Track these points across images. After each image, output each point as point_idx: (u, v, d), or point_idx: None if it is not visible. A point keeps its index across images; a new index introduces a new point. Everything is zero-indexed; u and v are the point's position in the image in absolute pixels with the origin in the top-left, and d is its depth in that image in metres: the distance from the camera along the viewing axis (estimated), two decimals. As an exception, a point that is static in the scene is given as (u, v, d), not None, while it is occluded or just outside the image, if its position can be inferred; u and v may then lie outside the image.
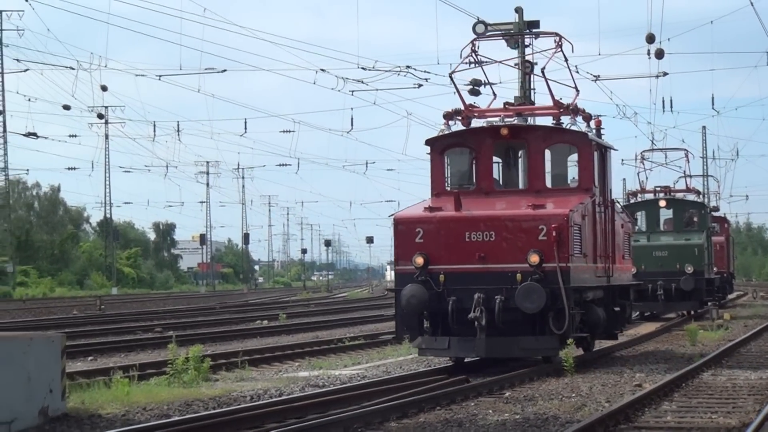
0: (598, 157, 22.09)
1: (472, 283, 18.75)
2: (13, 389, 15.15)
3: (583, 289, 20.05)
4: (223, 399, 17.97)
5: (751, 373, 21.95)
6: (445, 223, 19.76)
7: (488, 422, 14.93)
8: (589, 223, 20.63)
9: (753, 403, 16.63)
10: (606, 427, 14.31)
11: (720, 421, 15.07)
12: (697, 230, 40.69)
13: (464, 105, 22.44)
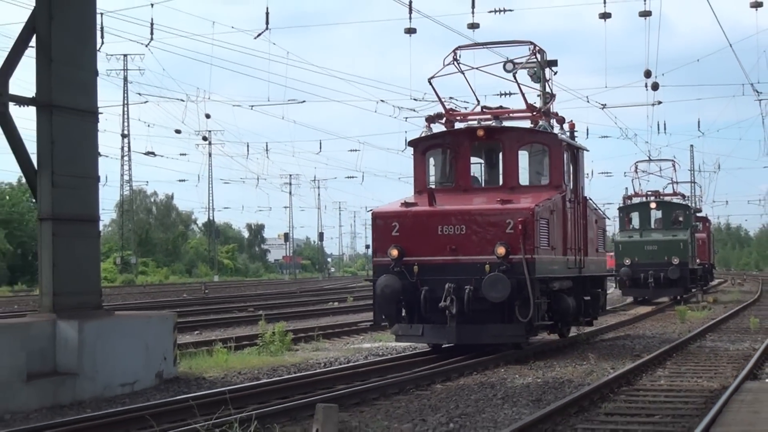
0: (569, 156, 20.46)
1: (444, 273, 17.26)
2: (135, 357, 15.65)
3: (549, 279, 18.47)
4: (302, 365, 18.34)
5: (730, 345, 22.15)
6: (418, 217, 18.13)
7: (515, 384, 15.26)
8: (558, 217, 19.08)
9: (731, 369, 17.03)
10: (611, 389, 14.71)
11: (704, 384, 15.56)
12: (683, 228, 40.77)
13: (445, 109, 20.94)
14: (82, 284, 16.15)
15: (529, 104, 21.03)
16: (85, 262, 16.35)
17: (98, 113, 16.95)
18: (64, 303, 15.50)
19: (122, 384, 15.36)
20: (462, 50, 20.56)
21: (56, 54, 15.75)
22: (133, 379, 15.65)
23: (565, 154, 19.73)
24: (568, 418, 12.19)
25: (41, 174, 15.72)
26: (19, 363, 13.82)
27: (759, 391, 14.15)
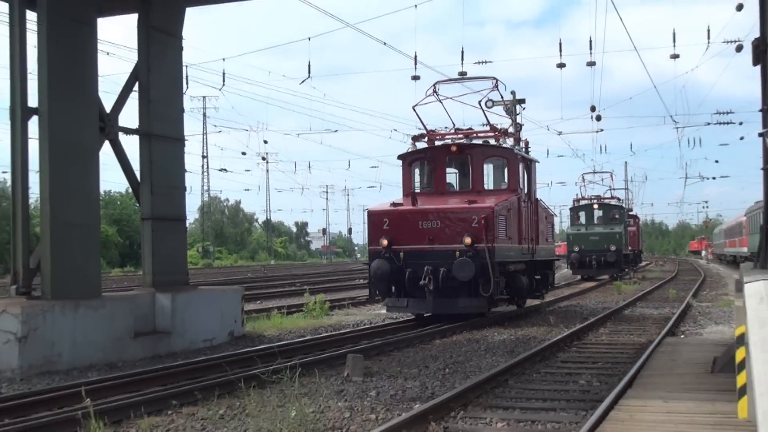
0: (524, 167, 19.75)
1: (424, 258, 16.83)
2: (213, 320, 15.80)
3: (506, 262, 17.95)
4: (336, 326, 18.53)
5: (654, 311, 22.12)
6: (403, 214, 17.58)
7: (495, 340, 15.40)
8: (514, 214, 18.50)
9: (656, 328, 17.16)
10: (565, 343, 14.91)
11: (635, 339, 15.72)
12: (618, 223, 41.13)
13: (426, 130, 20.09)
14: (174, 266, 16.22)
15: (492, 126, 20.34)
16: (175, 250, 16.43)
17: (184, 140, 17.03)
18: (161, 280, 15.58)
19: (204, 340, 15.44)
20: (440, 84, 20.09)
21: (153, 96, 15.82)
22: (212, 336, 15.75)
23: (520, 165, 19.32)
24: (533, 364, 12.24)
25: (143, 185, 15.79)
26: (129, 324, 13.93)
27: (676, 344, 14.17)
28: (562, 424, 8.18)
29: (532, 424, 8.22)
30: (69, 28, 13.63)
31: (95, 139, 14.40)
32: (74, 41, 13.77)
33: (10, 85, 13.33)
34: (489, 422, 8.35)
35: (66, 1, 13.54)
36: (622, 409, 8.35)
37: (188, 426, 8.31)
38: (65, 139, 13.45)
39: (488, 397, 9.72)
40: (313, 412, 8.18)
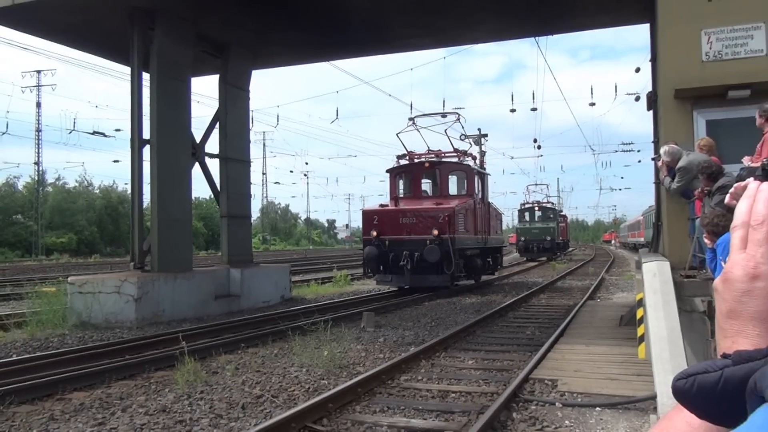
0: (479, 178, 19.27)
1: (403, 245, 16.20)
2: (269, 287, 15.83)
3: (465, 248, 17.41)
4: (355, 292, 18.53)
5: (578, 281, 22.02)
6: (388, 213, 16.97)
7: (466, 303, 15.31)
8: (470, 212, 17.96)
9: (580, 295, 16.97)
10: (516, 305, 14.75)
11: (565, 302, 15.57)
12: (552, 220, 41.18)
13: (407, 151, 19.38)
14: (242, 250, 16.22)
15: (455, 148, 19.64)
16: (243, 239, 16.42)
17: (250, 162, 17.01)
18: (233, 259, 15.56)
19: (263, 301, 15.43)
20: (417, 118, 19.60)
21: (229, 131, 15.81)
22: (269, 299, 15.73)
23: (475, 177, 18.89)
24: (494, 319, 12.21)
25: (221, 193, 15.79)
26: (211, 290, 13.93)
27: (594, 305, 14.13)
28: (514, 361, 8.15)
29: (493, 362, 8.20)
30: (171, 84, 13.65)
31: (188, 161, 14.42)
32: (175, 93, 13.78)
33: (131, 123, 13.35)
34: (462, 360, 8.33)
35: (169, 66, 13.54)
36: (556, 351, 8.34)
37: (252, 361, 8.30)
38: (167, 162, 13.47)
39: (462, 342, 9.70)
40: (340, 352, 8.16)
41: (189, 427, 5.29)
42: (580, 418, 5.48)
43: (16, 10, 12.48)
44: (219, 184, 15.77)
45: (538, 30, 15.54)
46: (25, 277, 25.48)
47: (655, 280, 6.73)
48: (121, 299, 11.89)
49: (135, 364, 7.82)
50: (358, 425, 5.37)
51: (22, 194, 68.84)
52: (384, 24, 14.58)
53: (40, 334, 10.77)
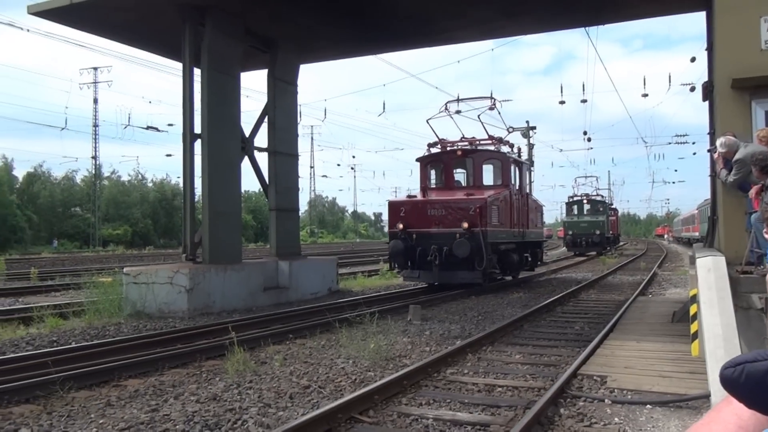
0: (516, 167, 17.84)
1: (431, 239, 15.20)
2: (317, 279, 16.01)
3: (498, 243, 16.06)
4: (401, 285, 18.29)
5: (629, 277, 21.52)
6: (415, 204, 15.88)
7: (513, 297, 15.38)
8: (505, 204, 16.59)
9: (631, 290, 16.69)
10: (564, 300, 14.57)
11: (616, 297, 15.30)
12: (602, 213, 39.97)
13: (438, 138, 18.05)
14: (290, 242, 16.42)
15: (490, 135, 18.14)
16: (291, 231, 16.62)
17: (298, 155, 17.18)
18: (282, 252, 15.77)
19: (311, 293, 15.60)
20: (450, 103, 18.06)
21: (277, 126, 16.00)
22: (316, 291, 15.90)
23: (512, 166, 17.48)
24: (542, 314, 12.05)
25: (270, 186, 16.00)
26: (261, 281, 14.15)
27: (645, 301, 13.81)
28: (562, 357, 8.04)
29: (540, 356, 8.11)
30: (221, 80, 13.88)
31: (238, 155, 14.65)
32: (225, 88, 14.02)
33: (183, 118, 13.63)
34: (509, 354, 8.26)
35: (219, 62, 13.78)
36: (606, 347, 8.19)
37: (300, 352, 8.41)
38: (218, 156, 13.71)
39: (509, 336, 9.61)
40: (386, 344, 8.19)
41: (239, 415, 5.40)
42: (630, 415, 5.37)
43: (73, 9, 12.89)
44: (268, 178, 15.99)
45: (588, 20, 15.20)
46: (83, 268, 26.39)
47: (710, 275, 6.54)
48: (173, 290, 12.20)
49: (187, 353, 8.01)
50: (403, 417, 5.39)
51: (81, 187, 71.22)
52: (428, 17, 14.50)
53: (98, 322, 11.14)
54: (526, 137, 39.28)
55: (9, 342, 9.15)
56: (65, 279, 20.56)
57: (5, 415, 5.56)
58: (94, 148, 64.33)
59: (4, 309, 12.59)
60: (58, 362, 7.12)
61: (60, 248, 57.52)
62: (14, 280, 20.64)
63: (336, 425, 5.07)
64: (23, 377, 6.56)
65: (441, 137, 18.20)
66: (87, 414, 5.53)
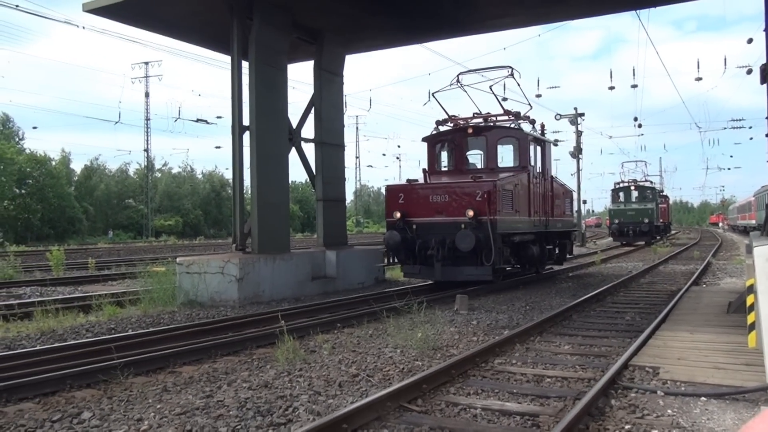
0: (536, 147, 15.63)
1: (433, 230, 13.53)
2: (363, 269, 16.14)
3: (511, 233, 14.11)
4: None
5: (682, 266, 20.99)
6: (415, 189, 14.12)
7: (562, 287, 14.99)
8: (522, 189, 14.62)
9: (684, 280, 16.28)
10: (615, 289, 14.29)
11: (668, 287, 14.97)
12: (651, 200, 38.45)
13: (448, 115, 16.05)
14: (337, 232, 16.56)
15: (506, 110, 16.01)
16: (338, 221, 16.75)
17: (344, 146, 17.27)
18: (329, 241, 15.93)
19: (357, 283, 15.71)
20: (463, 75, 15.74)
21: (324, 116, 16.12)
22: (363, 280, 16.00)
23: (531, 145, 15.27)
24: (591, 304, 11.87)
25: (317, 177, 16.15)
26: (308, 271, 14.32)
27: (699, 291, 13.43)
28: (612, 347, 7.92)
29: (590, 347, 8.00)
30: (269, 72, 14.05)
31: (285, 146, 14.82)
32: (272, 80, 14.18)
33: (231, 111, 13.86)
34: (558, 345, 8.17)
35: (267, 54, 13.94)
36: (658, 338, 8.02)
37: (348, 341, 8.48)
38: (266, 147, 13.90)
39: (558, 327, 9.51)
40: (433, 334, 8.20)
41: (289, 402, 5.50)
42: (684, 407, 5.27)
43: (125, 6, 13.22)
44: (314, 168, 16.14)
45: (639, 2, 14.80)
46: (137, 258, 27.19)
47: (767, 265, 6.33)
48: (224, 279, 12.46)
49: (238, 341, 8.18)
50: (452, 406, 5.40)
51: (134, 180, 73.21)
52: (475, 4, 14.35)
53: (152, 310, 11.48)
54: (574, 124, 38.60)
55: (70, 329, 9.52)
56: (121, 268, 21.21)
57: (68, 398, 5.80)
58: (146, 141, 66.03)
59: (65, 297, 13.07)
60: (117, 349, 7.39)
61: (115, 239, 59.35)
62: (73, 270, 21.40)
63: (385, 413, 5.11)
64: (85, 363, 6.82)
65: (452, 114, 16.32)
66: (145, 399, 5.72)
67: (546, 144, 16.46)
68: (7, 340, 8.66)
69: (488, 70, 15.61)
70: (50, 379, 6.10)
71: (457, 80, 15.77)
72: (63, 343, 8.31)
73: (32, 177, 56.89)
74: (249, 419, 5.06)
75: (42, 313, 10.55)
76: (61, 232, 56.48)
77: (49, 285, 15.96)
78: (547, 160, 16.54)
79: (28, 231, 54.80)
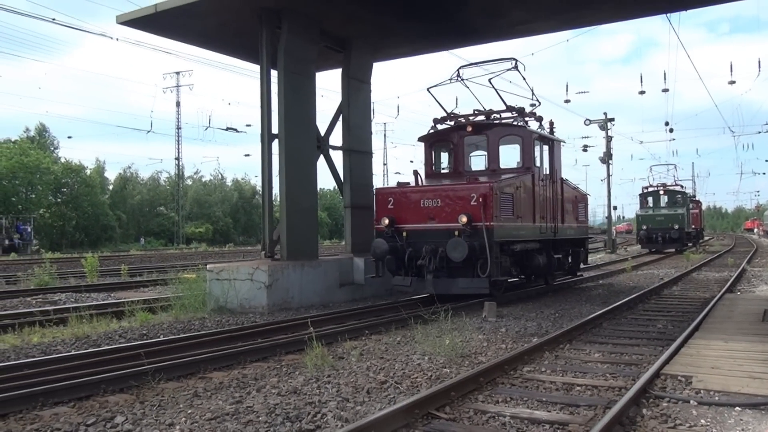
0: (543, 146, 14.32)
1: (424, 238, 12.36)
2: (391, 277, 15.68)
3: (512, 242, 12.72)
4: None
5: (716, 273, 20.56)
6: (405, 194, 12.94)
7: (593, 293, 14.64)
8: (525, 192, 13.29)
9: (717, 287, 15.95)
10: (646, 297, 14.11)
11: (701, 294, 14.65)
12: (681, 205, 36.81)
13: (446, 112, 14.84)
14: (365, 239, 16.54)
15: (509, 106, 14.45)
16: (366, 228, 16.74)
17: (372, 153, 17.28)
18: (356, 248, 15.93)
19: (385, 289, 15.63)
20: (464, 69, 14.58)
21: (352, 124, 16.19)
22: (390, 287, 15.92)
23: (536, 144, 13.97)
24: (622, 311, 11.70)
25: (345, 184, 16.21)
26: (336, 278, 14.34)
27: (733, 299, 13.16)
28: (644, 356, 7.80)
29: (621, 355, 7.89)
30: (297, 81, 14.17)
31: (314, 154, 14.91)
32: (301, 89, 14.30)
33: (261, 119, 14.00)
34: (588, 353, 8.08)
35: (295, 63, 14.06)
36: (691, 347, 7.88)
37: (376, 348, 8.49)
38: (295, 155, 14.01)
39: (588, 334, 9.39)
40: (461, 341, 8.17)
41: (318, 408, 5.53)
42: (718, 417, 5.17)
43: (158, 18, 13.48)
44: (342, 175, 16.21)
45: (670, 5, 14.60)
46: (168, 264, 27.57)
47: (804, 272, 6.19)
48: (254, 286, 12.57)
49: (267, 347, 8.25)
50: (480, 414, 5.38)
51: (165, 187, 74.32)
52: (503, 10, 14.31)
53: (183, 317, 11.64)
54: (604, 129, 38.18)
55: (104, 334, 9.70)
56: (152, 275, 21.53)
57: (102, 403, 5.90)
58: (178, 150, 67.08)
59: (99, 303, 13.32)
60: (148, 354, 7.51)
61: (147, 245, 60.29)
62: (106, 276, 21.79)
63: (413, 420, 5.11)
64: (118, 368, 6.94)
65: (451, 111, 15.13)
66: (176, 404, 5.80)
67: (554, 143, 15.14)
68: (43, 345, 8.86)
69: (490, 63, 14.59)
70: (84, 384, 6.22)
71: (457, 74, 14.73)
72: (97, 348, 8.48)
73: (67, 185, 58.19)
74: (278, 425, 5.10)
75: (77, 318, 10.78)
76: (95, 239, 57.61)
77: (83, 291, 16.27)
78: (556, 160, 15.23)
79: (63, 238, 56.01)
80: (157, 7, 13.23)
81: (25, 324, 10.54)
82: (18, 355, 8.19)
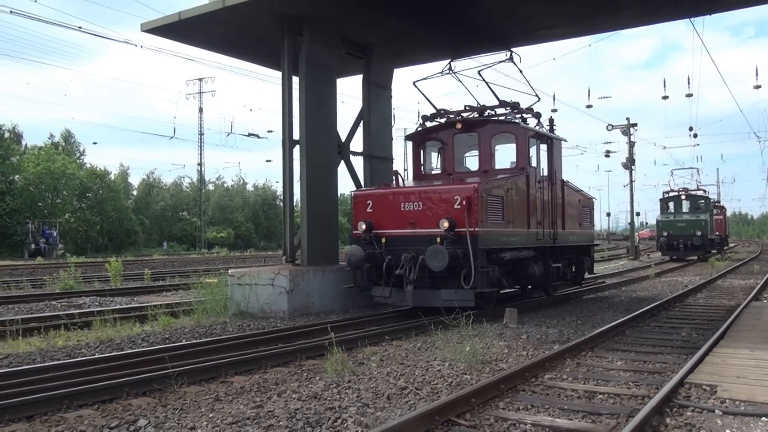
0: (540, 144, 13.21)
1: (404, 244, 11.32)
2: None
3: (501, 249, 11.49)
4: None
5: (741, 281, 20.22)
6: (384, 197, 11.93)
7: (615, 301, 14.50)
8: (518, 195, 12.19)
9: (742, 294, 15.68)
10: (669, 304, 13.90)
11: (726, 302, 14.42)
12: (704, 211, 35.54)
13: (435, 108, 13.87)
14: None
15: (501, 101, 13.50)
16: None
17: (392, 159, 17.30)
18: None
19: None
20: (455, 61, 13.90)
21: (372, 130, 16.23)
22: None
23: (531, 142, 12.87)
24: (645, 319, 11.58)
25: (365, 190, 16.25)
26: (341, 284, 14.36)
27: (760, 307, 12.93)
28: (667, 364, 7.70)
29: (644, 363, 7.80)
30: (318, 87, 14.25)
31: (335, 159, 14.98)
32: (322, 95, 14.37)
33: (282, 125, 14.10)
34: (611, 360, 8.00)
35: (317, 69, 14.15)
36: (716, 355, 7.76)
37: (396, 353, 8.48)
38: (315, 160, 14.06)
39: (610, 342, 9.30)
40: (482, 348, 8.14)
41: (338, 413, 5.54)
42: (744, 427, 5.08)
43: (181, 25, 13.66)
44: (363, 181, 16.23)
45: (694, 10, 14.44)
46: (190, 269, 27.83)
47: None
48: (275, 291, 12.63)
49: (288, 352, 8.28)
50: (501, 421, 5.35)
51: (187, 193, 75.06)
52: (525, 15, 14.25)
53: (205, 321, 11.73)
54: (627, 135, 37.87)
55: (127, 338, 9.81)
56: (174, 280, 21.74)
57: (125, 406, 5.97)
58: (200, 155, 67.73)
59: (122, 307, 13.49)
60: (171, 358, 7.58)
61: (169, 250, 60.92)
62: (130, 281, 22.05)
63: (433, 427, 5.10)
64: (140, 371, 7.02)
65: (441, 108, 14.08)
66: (198, 408, 5.85)
67: (554, 142, 13.98)
68: (68, 349, 8.99)
69: (483, 56, 13.62)
70: (108, 387, 6.30)
71: (449, 68, 13.89)
72: (120, 351, 8.58)
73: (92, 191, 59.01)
74: (299, 430, 5.12)
75: (101, 322, 10.93)
76: (119, 244, 58.33)
77: (107, 295, 16.48)
78: (556, 160, 14.08)
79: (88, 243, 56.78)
80: (180, 15, 13.41)
81: (50, 327, 10.70)
82: (44, 357, 8.33)
